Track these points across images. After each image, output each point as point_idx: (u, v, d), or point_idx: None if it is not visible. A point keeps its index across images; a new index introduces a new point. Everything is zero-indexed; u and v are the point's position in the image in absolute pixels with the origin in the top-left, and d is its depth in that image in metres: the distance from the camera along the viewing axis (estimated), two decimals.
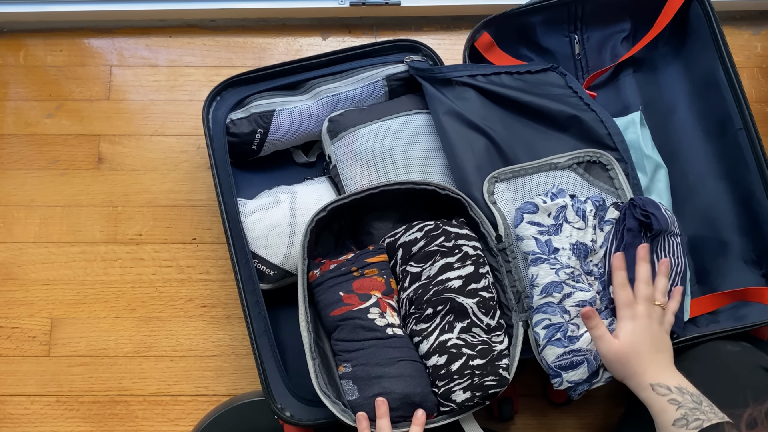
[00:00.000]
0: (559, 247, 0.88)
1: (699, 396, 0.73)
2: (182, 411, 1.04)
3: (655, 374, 0.76)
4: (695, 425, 0.69)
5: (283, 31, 1.17)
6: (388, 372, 0.82)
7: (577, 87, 0.97)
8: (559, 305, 0.86)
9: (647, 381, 0.75)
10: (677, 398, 0.73)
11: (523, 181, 0.93)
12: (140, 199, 1.09)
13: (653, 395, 0.74)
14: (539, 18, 1.02)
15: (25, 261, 1.08)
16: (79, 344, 1.05)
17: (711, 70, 0.96)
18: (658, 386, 0.74)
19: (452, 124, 0.94)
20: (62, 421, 1.03)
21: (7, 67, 1.15)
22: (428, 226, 0.88)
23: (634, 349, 0.78)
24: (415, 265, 0.87)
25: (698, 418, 0.70)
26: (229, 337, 1.05)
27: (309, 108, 0.99)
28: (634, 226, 0.88)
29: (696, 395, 0.73)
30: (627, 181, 0.93)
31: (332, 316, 0.86)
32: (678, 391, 0.73)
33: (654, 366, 0.77)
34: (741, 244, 0.96)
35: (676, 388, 0.74)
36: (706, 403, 0.72)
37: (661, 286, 0.83)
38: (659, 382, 0.75)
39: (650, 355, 0.77)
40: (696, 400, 0.73)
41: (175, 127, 1.12)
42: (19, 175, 1.11)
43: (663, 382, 0.75)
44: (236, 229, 0.93)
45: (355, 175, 0.95)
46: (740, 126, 0.94)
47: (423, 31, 1.17)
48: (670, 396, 0.73)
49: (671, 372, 0.77)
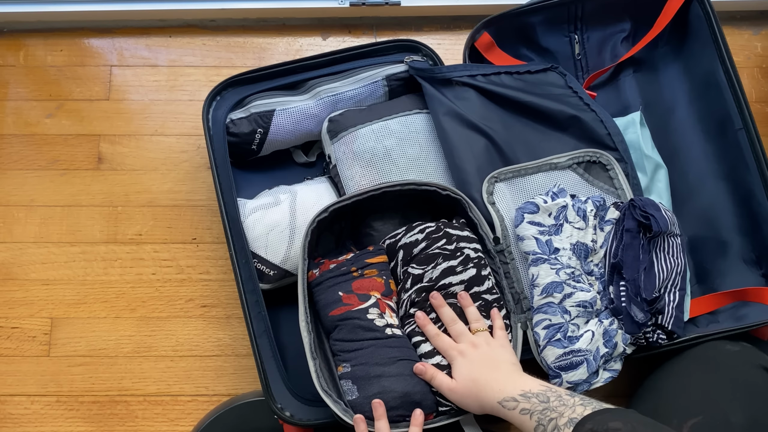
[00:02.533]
0: (559, 247, 0.88)
1: (545, 392, 0.73)
2: (182, 411, 1.04)
3: (499, 391, 0.75)
4: (552, 426, 0.69)
5: (283, 31, 1.17)
6: (388, 371, 0.82)
7: (577, 87, 0.97)
8: (559, 305, 0.86)
9: (495, 401, 0.75)
10: (526, 406, 0.72)
11: (523, 181, 0.93)
12: (140, 199, 1.09)
13: (506, 412, 0.74)
14: (539, 18, 1.02)
15: (25, 261, 1.08)
16: (79, 344, 1.05)
17: (711, 70, 0.96)
18: (504, 401, 0.74)
19: (452, 124, 0.94)
20: (62, 421, 1.03)
21: (7, 67, 1.15)
22: (429, 228, 0.88)
23: (472, 379, 0.78)
24: (417, 267, 0.87)
25: (551, 417, 0.69)
26: (229, 337, 1.05)
27: (309, 108, 0.99)
28: (633, 227, 0.88)
29: (541, 394, 0.73)
30: (627, 181, 0.93)
31: (331, 315, 0.86)
32: (524, 399, 0.73)
33: (495, 384, 0.76)
34: (741, 244, 0.97)
35: (520, 396, 0.73)
36: (553, 397, 0.72)
37: (471, 314, 0.85)
38: (504, 397, 0.74)
39: (489, 377, 0.78)
40: (542, 399, 0.72)
41: (175, 127, 1.12)
42: (19, 175, 1.11)
43: (507, 395, 0.74)
44: (236, 229, 0.93)
45: (355, 175, 0.95)
46: (740, 126, 0.94)
47: (423, 31, 1.17)
48: (519, 407, 0.73)
49: (512, 381, 0.76)
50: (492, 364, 0.79)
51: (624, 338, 0.87)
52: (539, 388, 0.74)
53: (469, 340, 0.82)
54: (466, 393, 0.78)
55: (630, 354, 0.90)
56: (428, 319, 0.85)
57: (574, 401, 0.70)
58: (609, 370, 0.88)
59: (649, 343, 0.89)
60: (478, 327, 0.84)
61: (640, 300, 0.86)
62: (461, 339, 0.83)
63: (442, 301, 0.86)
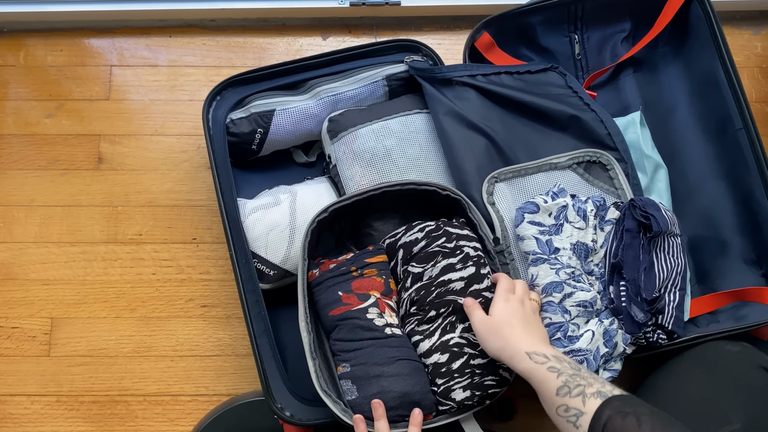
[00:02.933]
0: (559, 247, 0.88)
1: (576, 364, 0.73)
2: (182, 411, 1.04)
3: (531, 344, 0.75)
4: (577, 392, 0.68)
5: (283, 31, 1.17)
6: (387, 371, 0.82)
7: (577, 87, 0.97)
8: (559, 305, 0.86)
9: (523, 349, 0.74)
10: (556, 365, 0.72)
11: (523, 181, 0.93)
12: (140, 199, 1.09)
13: (531, 364, 0.73)
14: (539, 18, 1.02)
15: (25, 261, 1.08)
16: (79, 344, 1.05)
17: (711, 70, 0.96)
18: (534, 354, 0.73)
19: (452, 124, 0.94)
20: (62, 421, 1.03)
21: (7, 67, 1.15)
22: (429, 227, 0.88)
23: (506, 321, 0.78)
24: (417, 265, 0.87)
25: (579, 384, 0.69)
26: (229, 337, 1.05)
27: (309, 108, 0.99)
28: (633, 227, 0.88)
29: (573, 362, 0.73)
30: (627, 181, 0.93)
31: (331, 315, 0.86)
32: (555, 359, 0.73)
33: (529, 338, 0.76)
34: (741, 244, 0.97)
35: (552, 356, 0.73)
36: (584, 370, 0.72)
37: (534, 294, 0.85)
38: (535, 350, 0.74)
39: (523, 329, 0.77)
40: (574, 367, 0.72)
41: (175, 127, 1.12)
42: (19, 175, 1.11)
43: (539, 350, 0.74)
44: (236, 229, 0.93)
45: (355, 175, 0.95)
46: (740, 126, 0.94)
47: (423, 31, 1.17)
48: (548, 364, 0.72)
49: (546, 343, 0.77)
50: (532, 326, 0.79)
51: (624, 338, 0.87)
52: (570, 358, 0.74)
53: (521, 297, 0.82)
54: (496, 328, 0.77)
55: (630, 354, 0.90)
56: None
57: (603, 379, 0.71)
58: (609, 370, 0.88)
59: (650, 343, 0.89)
60: (534, 297, 0.84)
61: (640, 300, 0.86)
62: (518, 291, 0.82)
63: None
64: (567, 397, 0.69)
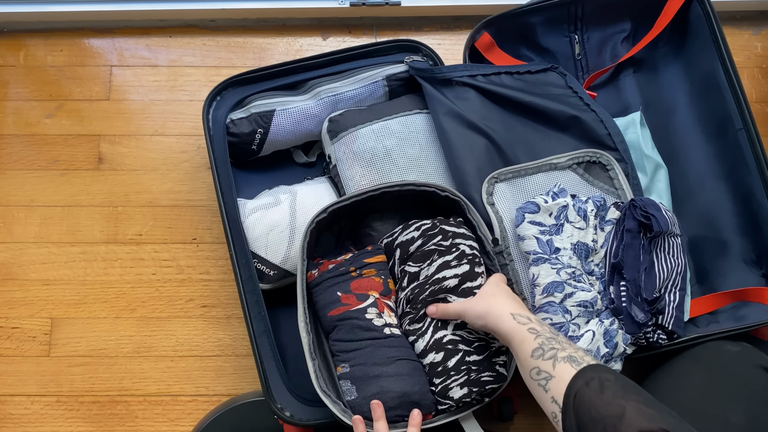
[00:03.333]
0: (560, 247, 0.88)
1: (557, 331, 0.75)
2: (182, 411, 1.04)
3: (516, 308, 0.77)
4: (550, 355, 0.70)
5: (283, 31, 1.17)
6: (386, 371, 0.82)
7: (577, 87, 0.97)
8: (560, 305, 0.86)
9: (508, 311, 0.76)
10: (536, 327, 0.74)
11: (523, 181, 0.93)
12: (140, 199, 1.09)
13: (514, 324, 0.74)
14: (539, 18, 1.02)
15: (25, 261, 1.08)
16: (79, 344, 1.05)
17: (711, 71, 0.96)
18: (518, 315, 0.75)
19: (452, 124, 0.94)
20: (62, 421, 1.03)
21: (7, 67, 1.15)
22: (425, 225, 0.88)
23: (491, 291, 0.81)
24: (413, 264, 0.87)
25: (553, 347, 0.71)
26: (229, 337, 1.05)
27: (309, 108, 0.99)
28: (633, 227, 0.88)
29: (553, 329, 0.74)
30: (627, 181, 0.93)
31: (330, 316, 0.86)
32: (538, 323, 0.74)
33: (514, 303, 0.78)
34: (741, 244, 0.97)
35: (536, 320, 0.75)
36: (562, 336, 0.74)
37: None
38: (519, 312, 0.76)
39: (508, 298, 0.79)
40: (554, 332, 0.73)
41: (175, 127, 1.12)
42: (19, 175, 1.11)
43: (523, 313, 0.76)
44: (236, 229, 0.93)
45: (355, 175, 0.95)
46: (740, 126, 0.94)
47: (423, 31, 1.17)
48: (529, 325, 0.74)
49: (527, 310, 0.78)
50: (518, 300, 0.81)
51: (624, 338, 0.87)
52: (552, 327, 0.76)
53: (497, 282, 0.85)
54: (480, 295, 0.81)
55: (630, 354, 0.89)
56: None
57: (579, 346, 0.72)
58: None
59: (650, 343, 0.89)
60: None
61: (640, 300, 0.86)
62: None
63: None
64: (540, 360, 0.70)
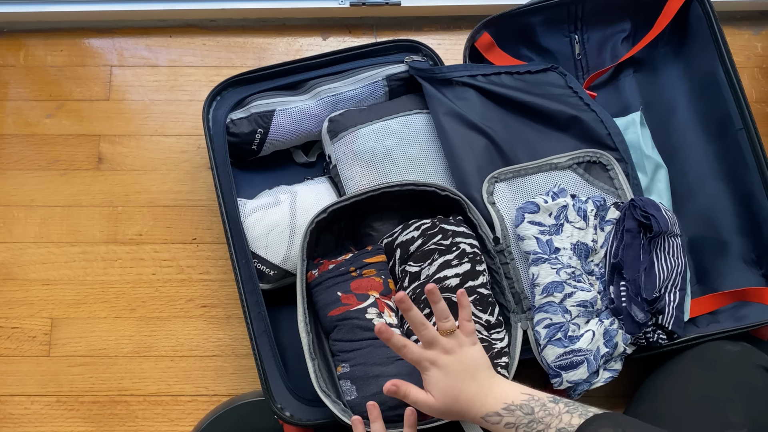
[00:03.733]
0: (560, 247, 0.88)
1: (528, 403, 0.70)
2: (182, 411, 1.04)
3: (481, 407, 0.72)
4: None
5: (283, 31, 1.17)
6: (386, 371, 0.82)
7: (577, 87, 0.97)
8: (560, 305, 0.86)
9: (478, 416, 0.72)
10: (510, 420, 0.70)
11: (523, 181, 0.93)
12: (140, 199, 1.09)
13: (491, 426, 0.72)
14: (539, 18, 1.02)
15: (25, 261, 1.08)
16: (79, 344, 1.05)
17: (711, 70, 0.96)
18: (487, 417, 0.72)
19: (452, 124, 0.94)
20: (62, 421, 1.03)
21: (7, 67, 1.15)
22: (425, 225, 0.88)
23: (451, 395, 0.74)
24: (414, 264, 0.87)
25: (537, 429, 0.68)
26: (229, 337, 1.05)
27: (309, 108, 0.99)
28: (633, 227, 0.88)
29: (524, 405, 0.70)
30: (627, 181, 0.93)
31: (330, 316, 0.86)
32: (507, 413, 0.71)
33: (476, 399, 0.73)
34: (741, 244, 0.97)
35: (503, 410, 0.71)
36: (537, 407, 0.70)
37: (440, 310, 0.76)
38: (486, 412, 0.72)
39: (469, 391, 0.73)
40: (527, 411, 0.70)
41: (175, 127, 1.12)
42: (19, 175, 1.11)
43: (490, 410, 0.71)
44: (236, 229, 0.93)
45: (355, 175, 0.95)
46: (740, 126, 0.94)
47: (423, 31, 1.17)
48: (503, 421, 0.70)
49: (493, 393, 0.73)
50: (468, 375, 0.74)
51: (624, 338, 0.87)
52: (521, 399, 0.71)
53: (441, 346, 0.75)
54: (445, 410, 0.74)
55: (630, 354, 0.90)
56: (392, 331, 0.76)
57: (558, 409, 0.69)
58: (609, 370, 0.88)
59: (650, 343, 0.89)
60: (446, 327, 0.77)
61: (640, 300, 0.86)
62: (432, 345, 0.76)
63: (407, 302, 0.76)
64: None
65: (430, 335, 0.76)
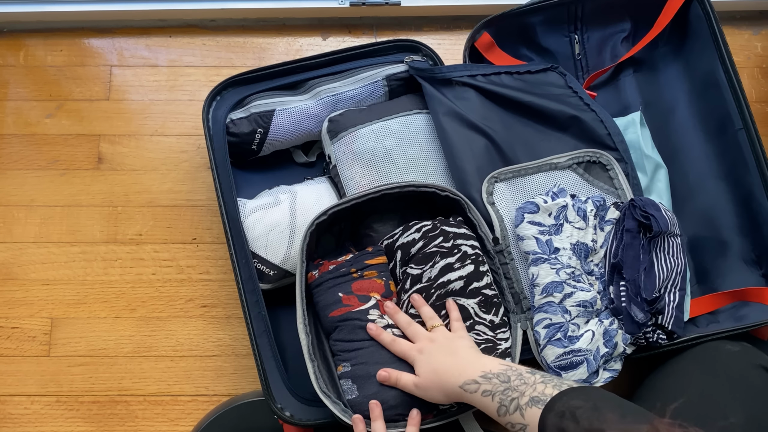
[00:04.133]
0: (559, 247, 0.88)
1: (505, 372, 0.72)
2: (182, 411, 1.04)
3: (459, 375, 0.75)
4: (513, 407, 0.69)
5: (283, 31, 1.17)
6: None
7: (577, 87, 0.97)
8: (560, 305, 0.86)
9: (456, 385, 0.74)
10: (487, 388, 0.72)
11: (523, 181, 0.93)
12: (140, 199, 1.09)
13: (469, 396, 0.73)
14: (539, 18, 1.02)
15: (25, 261, 1.08)
16: (79, 344, 1.05)
17: (711, 70, 0.96)
18: (465, 385, 0.74)
19: (452, 124, 0.94)
20: (62, 421, 1.03)
21: (7, 67, 1.15)
22: (426, 227, 0.88)
23: (432, 370, 0.78)
24: (416, 267, 0.87)
25: (512, 397, 0.69)
26: (229, 337, 1.05)
27: (309, 108, 0.99)
28: (633, 227, 0.88)
29: (501, 374, 0.72)
30: (627, 181, 0.93)
31: (331, 317, 0.86)
32: (484, 380, 0.73)
33: (455, 370, 0.76)
34: (741, 244, 0.97)
35: (480, 377, 0.73)
36: (514, 376, 0.71)
37: (425, 314, 0.85)
38: (464, 380, 0.74)
39: (448, 364, 0.77)
40: (503, 379, 0.72)
41: (175, 127, 1.12)
42: (19, 175, 1.11)
43: (468, 378, 0.74)
44: (236, 229, 0.93)
45: (355, 175, 0.95)
46: (740, 126, 0.94)
47: (423, 31, 1.17)
48: (480, 389, 0.72)
49: (472, 364, 0.76)
50: (450, 351, 0.79)
51: (624, 338, 0.87)
52: (499, 368, 0.73)
53: (426, 337, 0.82)
54: (429, 385, 0.78)
55: (630, 354, 0.90)
56: (381, 329, 0.84)
57: (534, 379, 0.70)
58: (609, 370, 0.88)
59: (649, 343, 0.89)
60: (434, 323, 0.83)
61: (640, 300, 0.86)
62: (418, 338, 0.82)
63: (394, 309, 0.86)
64: (507, 416, 0.69)
65: (414, 330, 0.83)
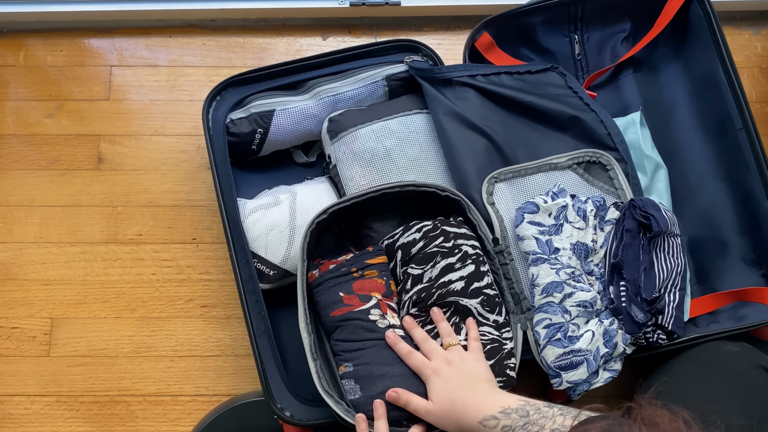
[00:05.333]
0: (559, 247, 0.88)
1: (523, 407, 0.73)
2: (182, 411, 1.04)
3: (478, 411, 0.74)
4: None
5: (283, 31, 1.17)
6: (391, 371, 0.82)
7: (577, 87, 0.97)
8: (560, 305, 0.86)
9: (475, 421, 0.74)
10: (507, 423, 0.72)
11: (523, 181, 0.93)
12: (140, 199, 1.09)
13: (487, 431, 0.73)
14: (539, 18, 1.02)
15: (25, 261, 1.08)
16: (79, 344, 1.05)
17: (711, 70, 0.96)
18: (485, 420, 0.73)
19: (452, 124, 0.94)
20: (62, 421, 1.03)
21: (7, 67, 1.15)
22: (426, 227, 0.88)
23: (449, 400, 0.77)
24: (416, 267, 0.87)
25: (532, 431, 0.70)
26: (229, 337, 1.05)
27: (309, 108, 0.99)
28: (633, 227, 0.88)
29: (520, 408, 0.72)
30: (627, 182, 0.93)
31: (332, 316, 0.86)
32: (504, 415, 0.72)
33: (473, 404, 0.75)
34: (741, 244, 0.97)
35: (500, 413, 0.73)
36: (533, 411, 0.72)
37: (443, 330, 0.84)
38: (483, 416, 0.74)
39: (466, 396, 0.76)
40: (522, 414, 0.72)
41: (175, 127, 1.12)
42: (19, 175, 1.11)
43: (487, 414, 0.74)
44: (236, 229, 0.93)
45: (355, 175, 0.95)
46: (740, 126, 0.94)
47: (423, 31, 1.17)
48: (500, 424, 0.72)
49: (489, 399, 0.75)
50: (468, 383, 0.78)
51: (624, 338, 0.87)
52: (517, 404, 0.73)
53: (442, 357, 0.80)
54: (444, 415, 0.77)
55: (630, 354, 0.90)
56: (399, 338, 0.83)
57: (553, 412, 0.71)
58: (609, 370, 0.88)
59: (649, 343, 0.90)
60: (451, 342, 0.82)
61: (640, 300, 0.86)
62: (434, 356, 0.81)
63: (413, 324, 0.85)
64: None
65: (430, 347, 0.82)
